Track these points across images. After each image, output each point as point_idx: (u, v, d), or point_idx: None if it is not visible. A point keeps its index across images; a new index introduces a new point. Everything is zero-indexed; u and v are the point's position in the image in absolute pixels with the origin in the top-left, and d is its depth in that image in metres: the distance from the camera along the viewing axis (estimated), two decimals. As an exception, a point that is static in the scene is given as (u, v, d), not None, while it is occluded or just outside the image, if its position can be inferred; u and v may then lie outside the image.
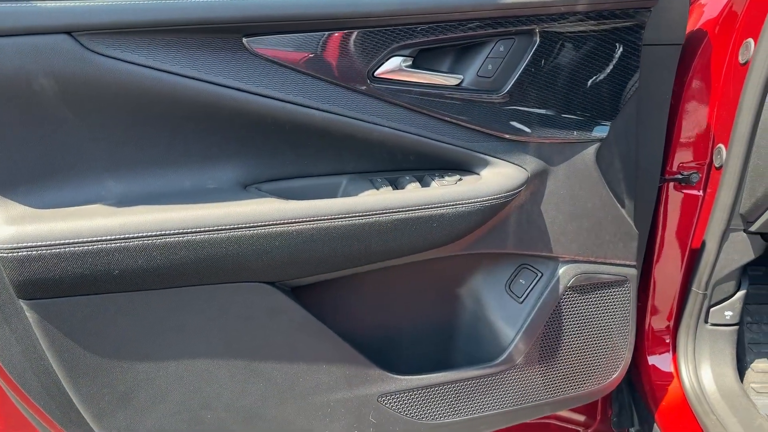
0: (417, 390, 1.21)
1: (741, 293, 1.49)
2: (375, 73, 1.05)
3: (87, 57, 0.90)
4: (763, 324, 1.67)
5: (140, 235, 0.93)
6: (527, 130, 1.15)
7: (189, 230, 0.95)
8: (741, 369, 1.55)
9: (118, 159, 1.00)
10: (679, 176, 1.46)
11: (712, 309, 1.50)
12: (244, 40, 0.97)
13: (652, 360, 1.57)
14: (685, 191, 1.47)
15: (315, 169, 1.12)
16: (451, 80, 1.09)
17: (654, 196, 1.42)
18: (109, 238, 0.92)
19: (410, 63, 1.06)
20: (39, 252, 0.90)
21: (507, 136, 1.14)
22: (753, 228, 1.37)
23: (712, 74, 1.38)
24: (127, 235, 0.92)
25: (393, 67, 1.05)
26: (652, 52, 1.26)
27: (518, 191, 1.13)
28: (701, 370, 1.51)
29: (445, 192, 1.08)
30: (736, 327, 1.51)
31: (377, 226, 1.04)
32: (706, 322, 1.51)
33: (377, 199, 1.04)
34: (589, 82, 1.15)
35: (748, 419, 1.37)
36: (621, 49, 1.14)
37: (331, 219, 1.02)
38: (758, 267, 1.64)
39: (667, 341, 1.57)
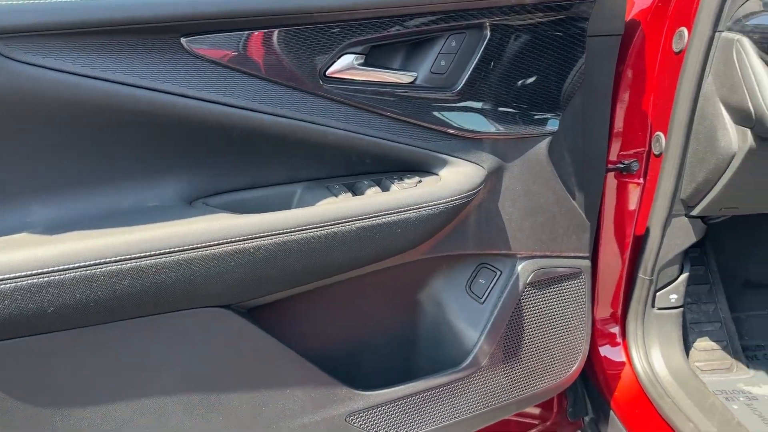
0: (385, 405, 1.16)
1: (684, 276, 1.53)
2: (327, 73, 0.98)
3: (1, 64, 0.78)
4: (701, 303, 1.74)
5: (77, 265, 0.81)
6: (483, 126, 1.12)
7: (132, 256, 0.85)
8: (686, 349, 1.60)
9: (44, 180, 0.87)
10: (620, 165, 1.48)
11: (658, 293, 1.53)
12: (183, 40, 0.88)
13: (604, 348, 1.59)
14: (626, 180, 1.50)
15: (267, 178, 1.04)
16: (404, 78, 1.05)
17: (601, 187, 1.43)
18: (40, 271, 0.80)
19: (362, 61, 1.00)
20: None
21: (463, 133, 1.11)
22: (694, 212, 1.41)
23: (647, 64, 1.41)
24: (61, 267, 0.81)
25: (345, 65, 0.99)
26: (593, 43, 1.26)
27: (478, 190, 1.10)
28: (652, 354, 1.54)
29: (408, 195, 1.03)
30: (681, 309, 1.56)
31: (339, 237, 0.97)
32: (653, 306, 1.54)
33: (337, 208, 0.98)
34: (540, 76, 1.14)
35: (701, 399, 1.41)
36: (568, 40, 1.14)
37: (290, 232, 0.94)
38: (694, 249, 1.70)
39: (617, 328, 1.59)
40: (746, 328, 1.76)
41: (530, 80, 1.14)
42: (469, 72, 1.08)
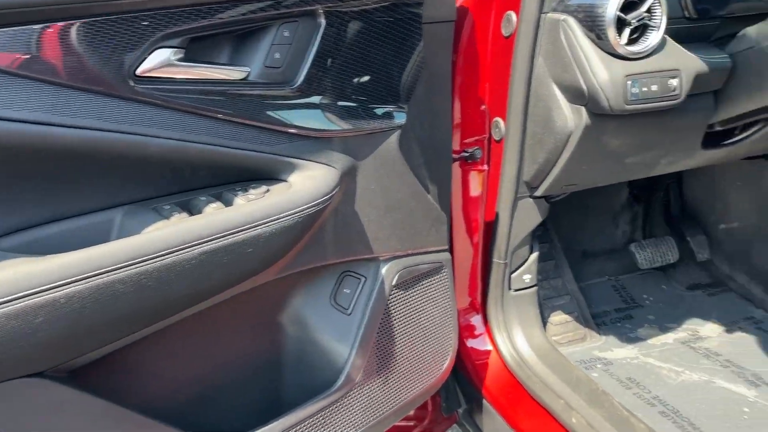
0: (256, 449, 1.01)
1: (534, 255, 1.57)
2: (137, 72, 0.81)
3: None
4: (550, 279, 1.80)
5: None
6: (329, 124, 1.02)
7: None
8: (543, 326, 1.64)
9: None
10: (465, 154, 1.47)
11: (512, 275, 1.55)
12: None
13: (468, 337, 1.58)
14: (471, 168, 1.49)
15: (75, 207, 0.83)
16: (235, 73, 0.91)
17: (449, 177, 1.41)
18: None
19: (182, 56, 0.85)
20: None
21: (309, 133, 1.00)
22: (538, 193, 1.44)
23: (480, 50, 1.40)
24: None
25: (160, 62, 0.83)
26: (429, 31, 1.22)
27: (334, 193, 1.00)
28: (514, 336, 1.55)
29: (255, 208, 0.89)
30: (535, 287, 1.59)
31: (177, 267, 0.81)
32: (509, 289, 1.56)
33: (170, 232, 0.81)
34: (382, 66, 1.07)
35: (566, 373, 1.45)
36: (404, 27, 1.09)
37: (112, 271, 0.76)
38: (538, 227, 1.76)
39: (479, 316, 1.59)
40: (591, 297, 1.87)
41: (373, 71, 1.06)
42: (308, 65, 0.97)
